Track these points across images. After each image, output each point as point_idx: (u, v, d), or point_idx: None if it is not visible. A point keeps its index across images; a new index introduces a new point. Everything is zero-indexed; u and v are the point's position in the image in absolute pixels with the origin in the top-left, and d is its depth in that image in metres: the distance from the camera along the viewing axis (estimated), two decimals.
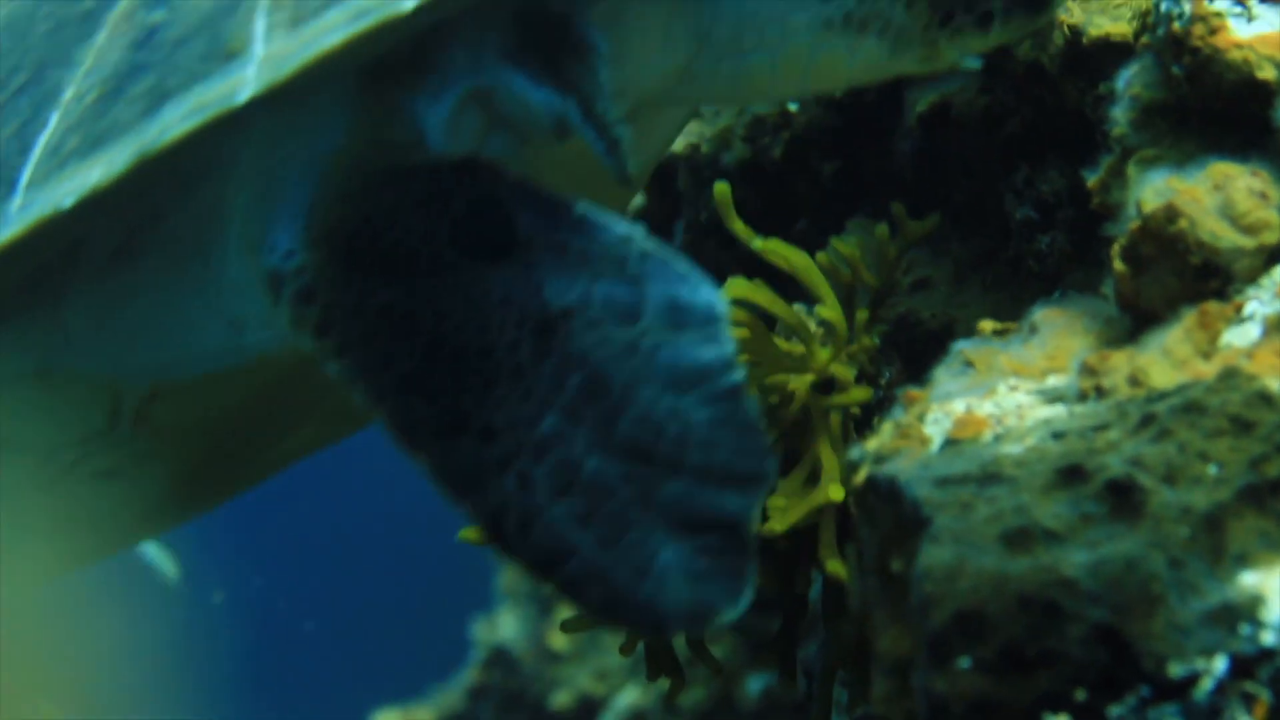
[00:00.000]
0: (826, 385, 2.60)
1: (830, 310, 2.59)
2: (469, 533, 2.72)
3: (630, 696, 6.28)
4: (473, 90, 2.29)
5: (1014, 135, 2.93)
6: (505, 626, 7.35)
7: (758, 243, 2.58)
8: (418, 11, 2.05)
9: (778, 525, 2.48)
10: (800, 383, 2.58)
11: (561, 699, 6.85)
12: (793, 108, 3.44)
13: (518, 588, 7.38)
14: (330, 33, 2.06)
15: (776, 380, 2.58)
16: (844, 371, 2.61)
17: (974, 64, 2.57)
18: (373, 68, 2.26)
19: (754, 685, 5.71)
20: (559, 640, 6.95)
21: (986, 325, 2.47)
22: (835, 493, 2.45)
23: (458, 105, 2.28)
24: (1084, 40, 2.64)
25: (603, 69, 2.26)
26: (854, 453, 2.18)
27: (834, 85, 2.64)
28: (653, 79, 2.43)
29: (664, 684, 2.86)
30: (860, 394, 2.57)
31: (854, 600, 2.21)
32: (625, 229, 2.09)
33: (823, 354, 2.59)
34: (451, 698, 7.84)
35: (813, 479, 2.58)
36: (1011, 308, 2.70)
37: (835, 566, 2.56)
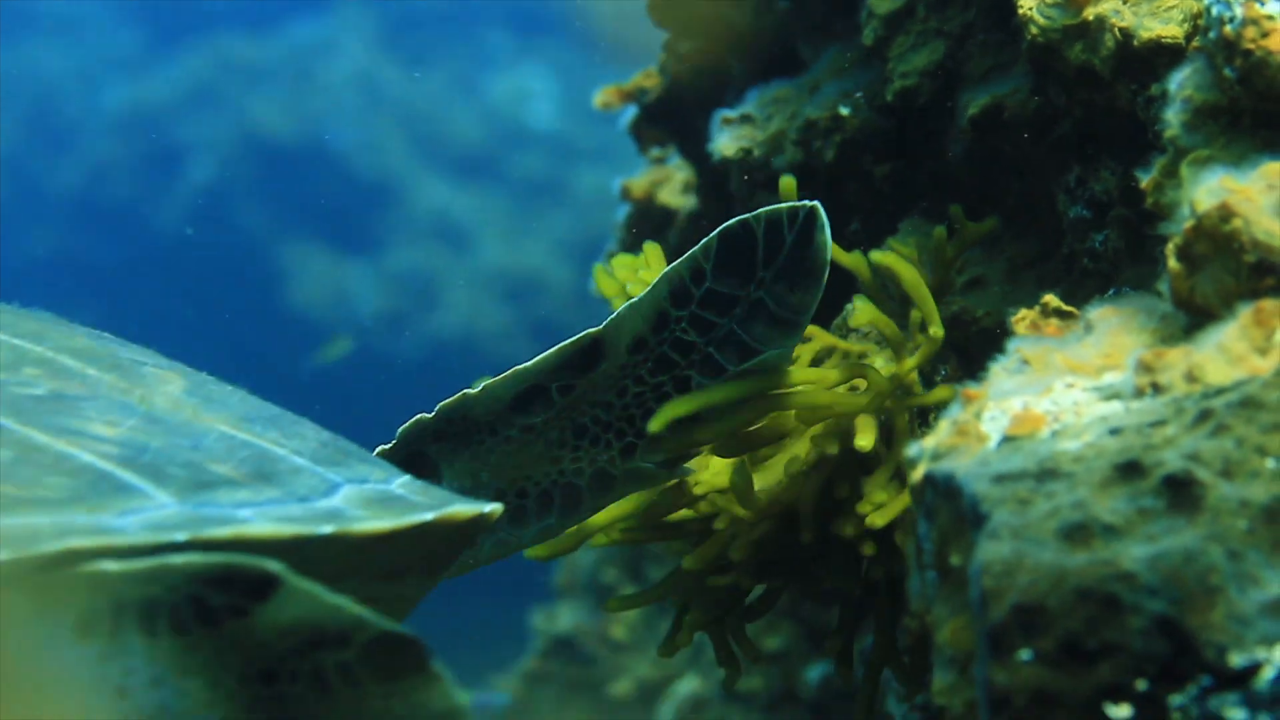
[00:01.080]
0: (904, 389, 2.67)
1: (936, 329, 2.64)
2: (537, 550, 2.81)
3: (690, 685, 6.32)
4: None
5: (1065, 136, 2.95)
6: (564, 617, 7.41)
7: (875, 255, 2.64)
8: None
9: (879, 520, 2.54)
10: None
11: (621, 687, 6.90)
12: (844, 111, 3.46)
13: (576, 581, 7.44)
14: None
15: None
16: (913, 372, 2.67)
17: None
18: None
19: (813, 674, 5.75)
20: (619, 630, 6.99)
21: (1051, 300, 2.50)
22: None
23: None
24: (1135, 43, 2.65)
25: None
26: (912, 450, 2.21)
27: None
28: None
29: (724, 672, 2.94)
30: (942, 393, 2.61)
31: (913, 594, 2.24)
32: None
33: (908, 362, 2.64)
34: (512, 687, 7.90)
35: (897, 477, 2.63)
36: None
37: (903, 540, 2.61)
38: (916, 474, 2.16)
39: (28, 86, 20.62)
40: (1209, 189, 2.19)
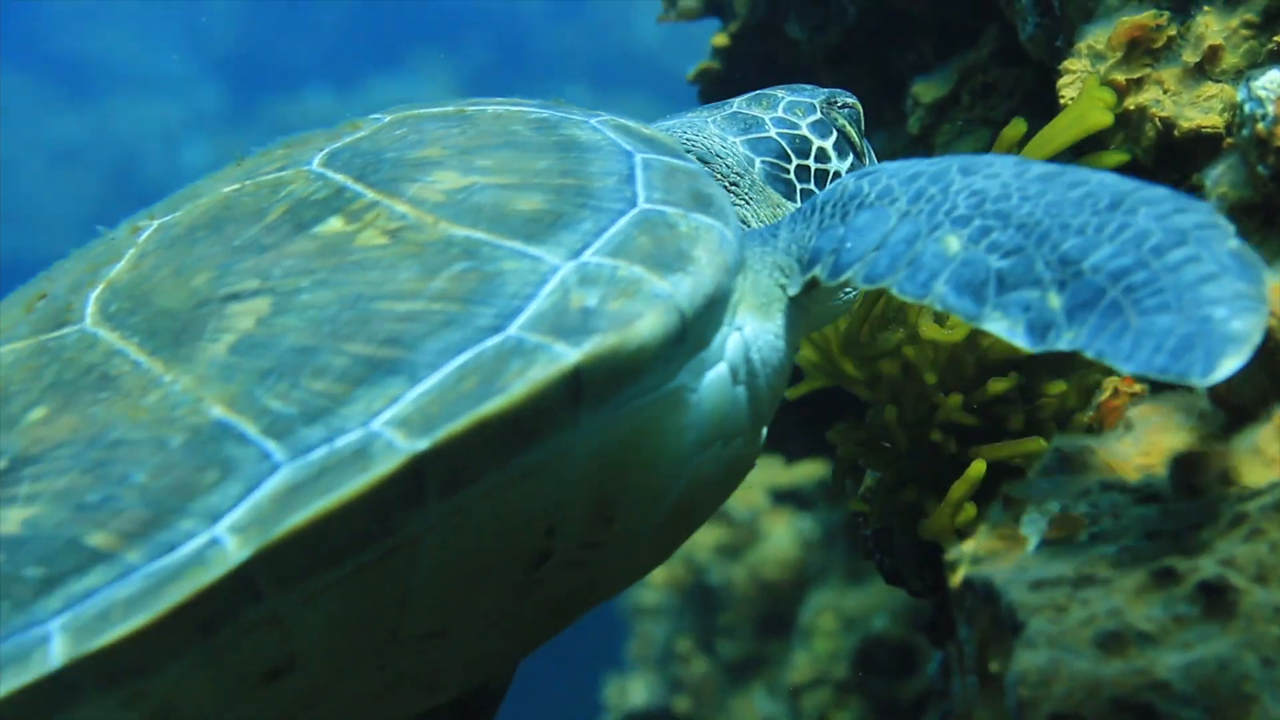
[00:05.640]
0: None
1: None
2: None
3: None
4: None
5: None
6: (636, 693, 7.40)
7: None
8: None
9: None
10: None
11: None
12: None
13: (648, 654, 7.44)
14: None
15: None
16: None
17: None
18: None
19: None
20: (690, 709, 6.98)
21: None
22: None
23: None
24: (1176, 133, 2.66)
25: None
26: (951, 553, 2.22)
27: None
28: None
29: None
30: None
31: (955, 697, 2.25)
32: None
33: None
34: None
35: None
36: None
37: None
38: (956, 578, 2.17)
39: (112, 145, 20.88)
40: None
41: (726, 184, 2.97)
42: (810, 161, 3.09)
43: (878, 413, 2.94)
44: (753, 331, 2.54)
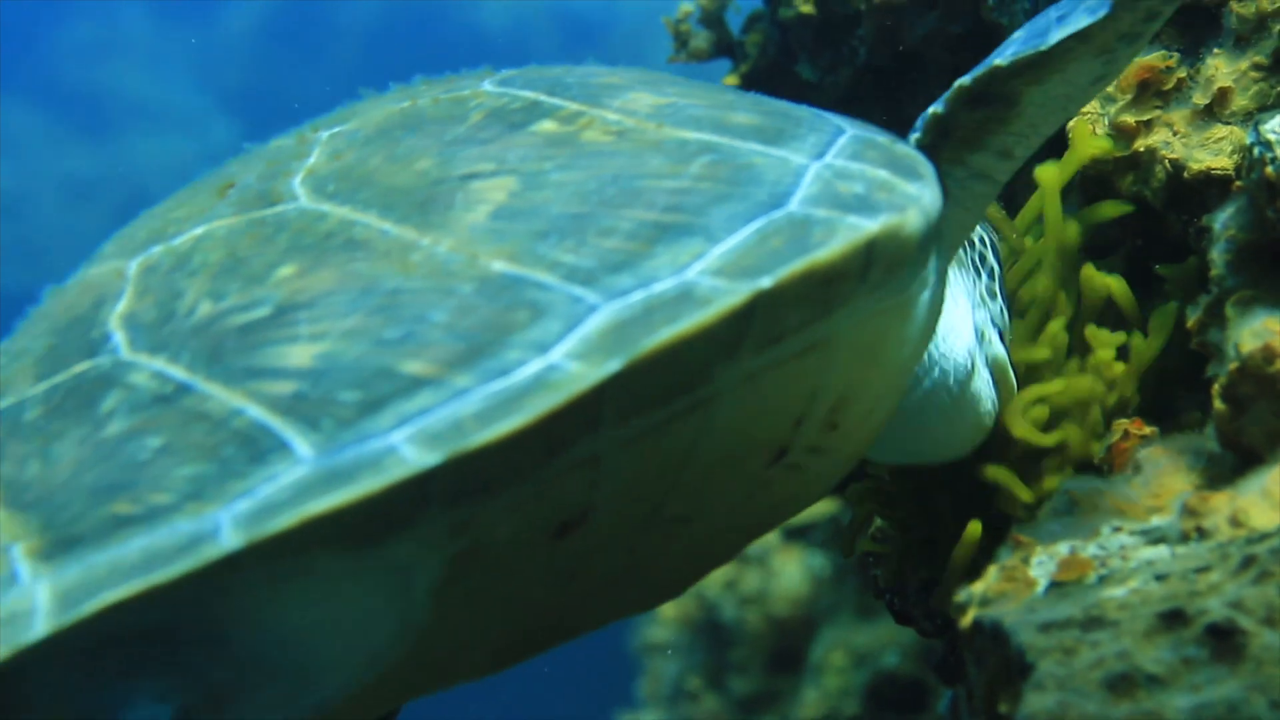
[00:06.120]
0: None
1: None
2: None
3: None
4: None
5: (1117, 265, 2.96)
6: None
7: None
8: None
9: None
10: None
11: None
12: None
13: (659, 691, 7.43)
14: None
15: None
16: None
17: None
18: None
19: None
20: None
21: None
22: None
23: None
24: (1185, 175, 2.66)
25: None
26: (961, 595, 2.22)
27: None
28: None
29: None
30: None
31: None
32: None
33: None
34: None
35: None
36: None
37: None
38: (966, 619, 2.18)
39: (124, 180, 20.92)
40: (1253, 330, 2.20)
41: None
42: None
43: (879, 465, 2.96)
44: (940, 269, 2.50)
